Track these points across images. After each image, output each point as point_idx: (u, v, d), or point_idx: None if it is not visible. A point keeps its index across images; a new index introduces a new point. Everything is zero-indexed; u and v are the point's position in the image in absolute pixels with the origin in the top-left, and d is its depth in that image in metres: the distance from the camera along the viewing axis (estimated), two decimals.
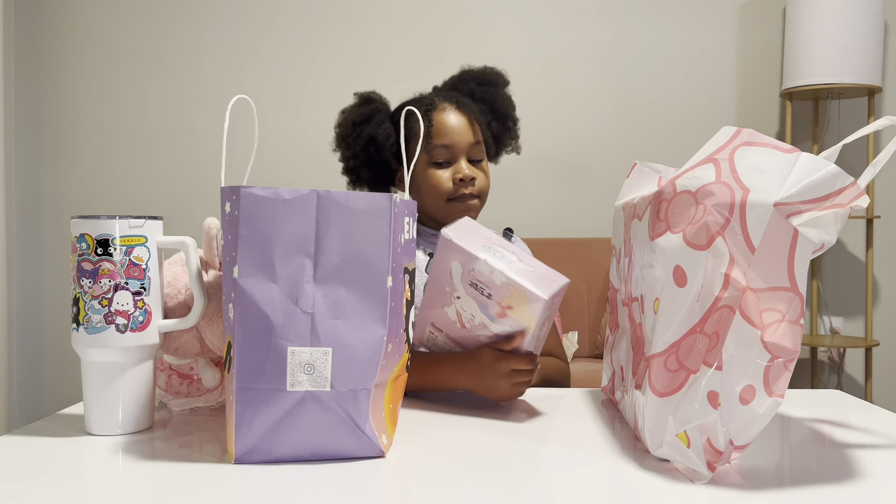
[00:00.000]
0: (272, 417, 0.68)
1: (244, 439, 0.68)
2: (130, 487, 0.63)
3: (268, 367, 0.67)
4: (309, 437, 0.69)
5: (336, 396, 0.68)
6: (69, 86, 3.01)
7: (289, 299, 0.68)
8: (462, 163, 1.19)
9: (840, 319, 2.95)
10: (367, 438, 0.70)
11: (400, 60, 2.92)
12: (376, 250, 0.70)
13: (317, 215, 0.68)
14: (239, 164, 2.67)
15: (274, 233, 0.67)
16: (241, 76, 2.98)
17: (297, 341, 0.67)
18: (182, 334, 0.85)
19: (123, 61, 3.00)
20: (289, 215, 0.68)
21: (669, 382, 0.68)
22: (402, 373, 0.80)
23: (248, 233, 0.67)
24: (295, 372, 0.67)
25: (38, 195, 3.02)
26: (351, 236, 0.69)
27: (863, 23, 2.52)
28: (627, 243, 0.85)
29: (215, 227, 0.87)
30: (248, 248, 0.68)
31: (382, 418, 0.73)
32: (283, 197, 0.68)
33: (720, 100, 2.96)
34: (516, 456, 0.73)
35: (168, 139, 3.00)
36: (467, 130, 1.20)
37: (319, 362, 0.67)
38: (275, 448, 0.68)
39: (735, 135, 0.69)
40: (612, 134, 2.97)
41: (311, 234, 0.68)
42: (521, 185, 2.99)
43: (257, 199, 0.67)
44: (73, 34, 3.01)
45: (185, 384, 0.90)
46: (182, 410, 0.89)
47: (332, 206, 0.68)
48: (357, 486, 0.63)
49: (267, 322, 0.67)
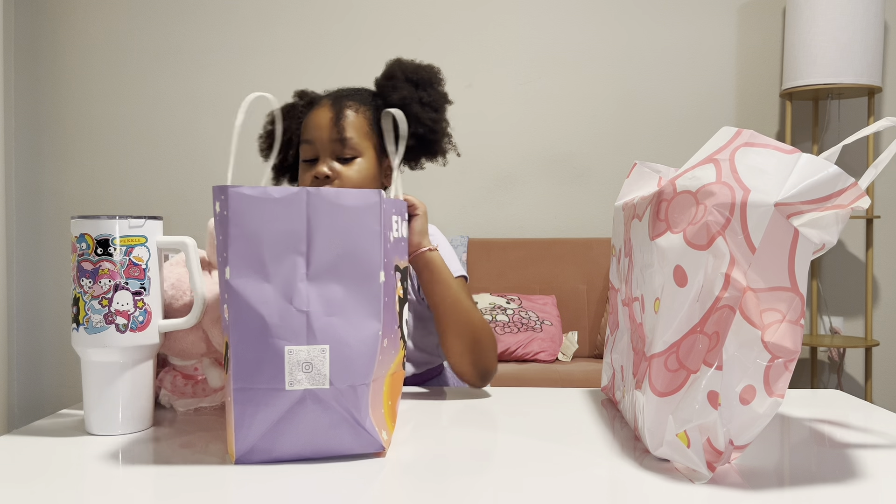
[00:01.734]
0: (272, 417, 0.67)
1: (244, 440, 0.67)
2: (130, 487, 0.63)
3: (265, 366, 0.67)
4: (309, 436, 0.68)
5: (335, 393, 0.68)
6: (69, 86, 3.01)
7: (283, 298, 0.67)
8: (321, 161, 1.12)
9: (840, 319, 2.95)
10: (367, 434, 0.69)
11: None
12: (368, 246, 0.70)
13: (307, 213, 0.68)
14: (243, 165, 2.67)
15: (264, 232, 0.67)
16: (241, 76, 2.98)
17: (293, 340, 0.67)
18: (188, 335, 0.85)
19: (124, 61, 3.00)
20: (279, 214, 0.67)
21: (669, 382, 0.68)
22: (398, 369, 0.80)
23: (238, 233, 0.67)
24: (293, 371, 0.67)
25: (38, 195, 3.02)
26: (342, 233, 0.69)
27: (863, 23, 2.52)
28: (627, 243, 0.85)
29: None
30: (239, 248, 0.67)
31: (382, 414, 0.73)
32: (273, 196, 0.67)
33: (720, 100, 2.96)
34: (516, 455, 0.73)
35: (168, 139, 3.00)
36: (328, 127, 1.12)
37: (317, 360, 0.67)
38: (275, 448, 0.68)
39: (735, 135, 0.69)
40: (612, 134, 2.98)
41: (302, 232, 0.68)
42: (521, 185, 2.99)
43: (246, 199, 0.67)
44: (73, 34, 3.01)
45: (190, 385, 0.90)
46: (187, 411, 0.89)
47: (323, 203, 0.68)
48: (361, 485, 0.63)
49: (262, 322, 0.67)
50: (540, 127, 2.98)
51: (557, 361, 2.56)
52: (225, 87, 2.99)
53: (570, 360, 2.60)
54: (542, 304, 2.68)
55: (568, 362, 2.56)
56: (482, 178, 3.01)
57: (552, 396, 1.01)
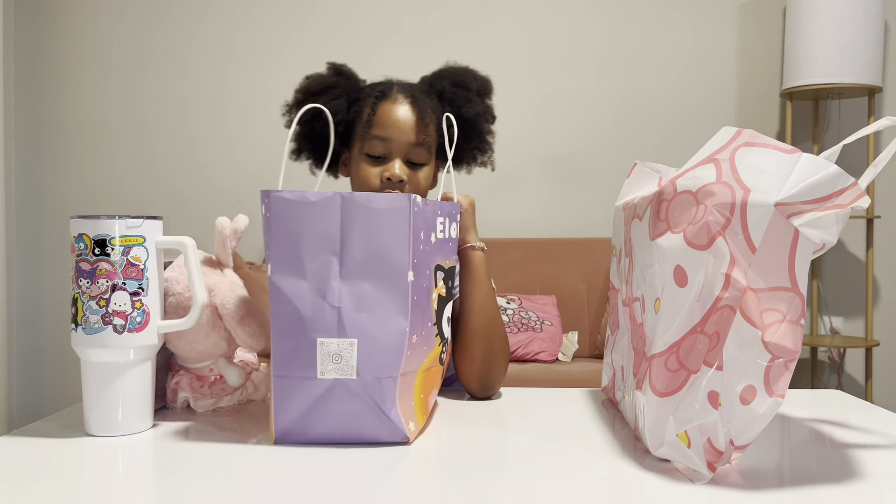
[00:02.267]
0: (305, 403, 0.73)
1: (282, 422, 0.74)
2: (130, 488, 0.63)
3: (299, 356, 0.73)
4: (339, 422, 0.74)
5: (362, 384, 0.73)
6: (69, 86, 3.01)
7: (317, 294, 0.73)
8: (396, 162, 1.06)
9: (840, 319, 2.95)
10: (392, 424, 0.74)
11: (399, 60, 2.92)
12: (396, 247, 0.74)
13: (341, 216, 0.73)
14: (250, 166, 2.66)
15: (302, 233, 0.73)
16: (242, 76, 2.98)
17: (325, 333, 0.73)
18: (210, 336, 0.85)
19: (124, 61, 3.00)
20: (315, 216, 0.73)
21: (670, 382, 0.68)
22: (433, 364, 0.83)
23: (279, 233, 0.73)
24: (324, 361, 0.73)
25: (38, 195, 3.02)
26: (373, 234, 0.74)
27: (863, 23, 2.52)
28: (628, 243, 0.85)
29: (227, 226, 0.87)
30: (279, 247, 0.73)
31: (411, 406, 0.78)
32: (310, 199, 0.73)
33: (720, 100, 2.96)
34: (516, 455, 0.73)
35: (169, 139, 3.00)
36: (411, 129, 1.07)
37: (346, 352, 0.73)
38: (309, 431, 0.74)
39: (735, 135, 0.69)
40: (612, 134, 2.97)
41: (336, 233, 0.73)
42: (521, 185, 2.99)
43: (286, 202, 0.73)
44: (73, 34, 3.01)
45: (206, 386, 0.89)
46: (206, 412, 0.89)
47: (355, 206, 0.73)
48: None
49: (298, 315, 0.73)
50: (540, 127, 2.98)
51: (557, 361, 2.56)
52: (226, 87, 2.99)
53: (570, 361, 2.59)
54: (542, 305, 2.68)
55: (568, 362, 2.56)
56: (482, 178, 3.01)
57: (552, 396, 1.01)
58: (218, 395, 0.89)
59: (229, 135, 2.98)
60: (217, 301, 0.84)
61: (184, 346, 0.86)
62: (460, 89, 1.14)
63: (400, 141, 1.06)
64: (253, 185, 2.96)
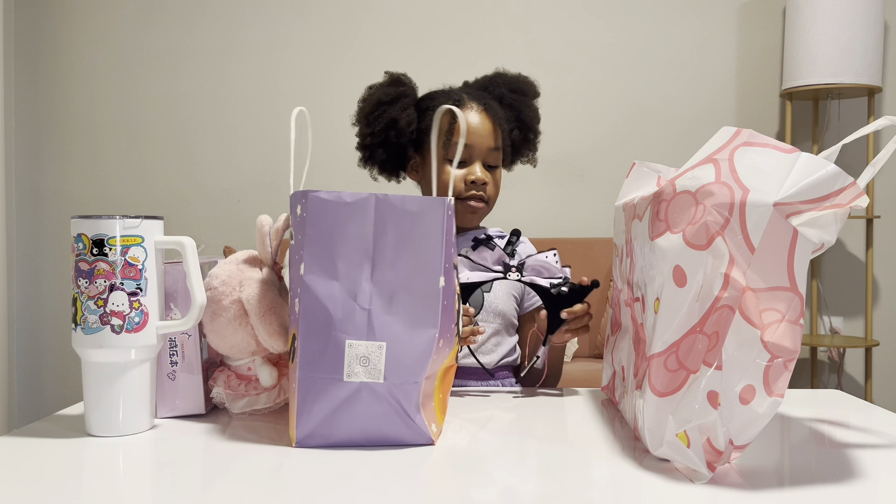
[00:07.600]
0: (330, 405, 0.72)
1: (305, 424, 0.72)
2: (130, 488, 0.63)
3: (327, 357, 0.72)
4: (364, 425, 0.73)
5: (389, 388, 0.72)
6: (69, 86, 3.01)
7: (348, 295, 0.72)
8: (477, 165, 1.20)
9: (840, 319, 2.95)
10: (417, 427, 0.74)
11: (400, 60, 2.92)
12: (429, 250, 0.74)
13: (375, 217, 0.72)
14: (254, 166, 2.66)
15: (336, 233, 0.72)
16: (243, 76, 2.98)
17: (354, 335, 0.72)
18: (237, 333, 0.84)
19: (124, 61, 3.00)
20: (350, 217, 0.72)
21: (669, 382, 0.68)
22: (451, 363, 0.83)
23: (314, 233, 0.72)
24: (352, 363, 0.72)
25: (38, 195, 3.02)
26: (406, 238, 0.73)
27: (863, 23, 2.52)
28: (629, 243, 0.85)
29: (268, 223, 0.86)
30: (313, 247, 0.72)
31: (432, 408, 0.78)
32: (345, 200, 0.72)
33: (720, 100, 2.96)
34: (516, 455, 0.73)
35: (169, 139, 3.00)
36: (489, 135, 1.21)
37: (374, 355, 0.72)
38: (332, 433, 0.73)
39: (735, 135, 0.69)
40: (612, 134, 2.97)
41: (369, 235, 0.73)
42: (521, 185, 2.99)
43: (323, 203, 0.72)
44: (73, 34, 3.01)
45: (244, 385, 0.87)
46: (242, 413, 0.87)
47: (389, 208, 0.73)
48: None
49: (328, 316, 0.72)
50: (540, 127, 2.98)
51: None
52: (226, 88, 2.98)
53: (570, 360, 2.59)
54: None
55: (568, 362, 2.56)
56: None
57: (552, 396, 1.01)
58: (252, 395, 0.87)
59: (229, 135, 2.98)
60: (244, 295, 0.83)
61: (214, 338, 0.85)
62: (518, 95, 1.29)
63: (480, 146, 1.20)
64: (253, 185, 2.96)
